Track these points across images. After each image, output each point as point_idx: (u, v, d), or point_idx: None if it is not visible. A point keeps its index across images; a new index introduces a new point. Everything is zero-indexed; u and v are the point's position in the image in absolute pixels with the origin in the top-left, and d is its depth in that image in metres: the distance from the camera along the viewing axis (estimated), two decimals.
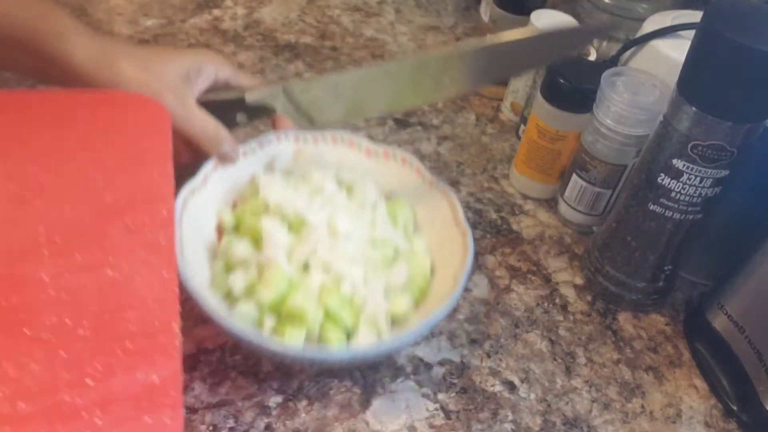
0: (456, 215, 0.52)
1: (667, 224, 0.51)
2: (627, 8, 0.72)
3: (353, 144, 0.58)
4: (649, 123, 0.54)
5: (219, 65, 0.53)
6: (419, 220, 0.55)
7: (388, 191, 0.56)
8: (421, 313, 0.49)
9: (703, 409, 0.51)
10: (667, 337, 0.56)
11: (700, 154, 0.47)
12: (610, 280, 0.56)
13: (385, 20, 0.89)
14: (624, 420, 0.49)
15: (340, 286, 0.47)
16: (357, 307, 0.47)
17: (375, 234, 0.51)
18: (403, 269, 0.50)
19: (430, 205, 0.54)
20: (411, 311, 0.49)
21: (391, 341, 0.47)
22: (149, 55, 0.50)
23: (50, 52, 0.47)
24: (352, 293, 0.47)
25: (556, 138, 0.61)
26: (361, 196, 0.54)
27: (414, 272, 0.50)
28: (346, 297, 0.47)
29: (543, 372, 0.51)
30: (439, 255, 0.52)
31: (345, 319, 0.47)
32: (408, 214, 0.54)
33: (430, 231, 0.54)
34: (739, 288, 0.51)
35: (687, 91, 0.46)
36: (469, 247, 0.49)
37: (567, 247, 0.62)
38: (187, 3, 0.85)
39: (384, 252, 0.51)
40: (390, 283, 0.49)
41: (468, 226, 0.51)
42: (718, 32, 0.42)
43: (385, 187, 0.56)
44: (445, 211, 0.53)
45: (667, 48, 0.57)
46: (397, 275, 0.50)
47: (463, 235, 0.51)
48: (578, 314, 0.56)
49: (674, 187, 0.49)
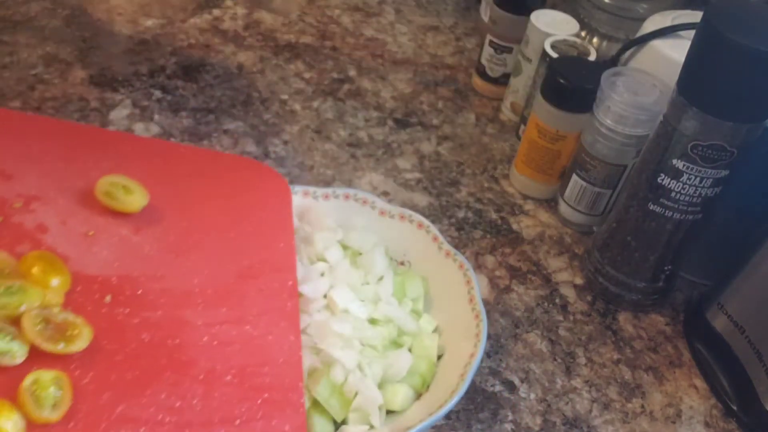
0: (472, 295, 0.48)
1: (666, 224, 0.51)
2: (627, 8, 0.72)
3: (366, 203, 0.53)
4: (649, 123, 0.54)
5: None
6: (432, 294, 0.51)
7: (399, 258, 0.52)
8: (423, 403, 0.44)
9: (703, 409, 0.51)
10: (667, 337, 0.56)
11: (701, 154, 0.46)
12: (610, 280, 0.56)
13: (385, 20, 0.89)
14: (624, 420, 0.49)
15: (330, 371, 0.43)
16: (347, 397, 0.43)
17: (377, 312, 0.47)
18: (406, 356, 0.46)
19: (444, 278, 0.50)
20: (410, 401, 0.45)
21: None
22: None
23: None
24: (343, 381, 0.43)
25: (556, 138, 0.61)
26: (368, 265, 0.50)
27: (418, 357, 0.46)
28: (336, 384, 0.43)
29: (543, 372, 0.51)
30: (450, 336, 0.48)
31: (333, 408, 0.43)
32: (419, 289, 0.50)
33: (441, 306, 0.50)
34: (739, 288, 0.51)
35: (687, 91, 0.46)
36: (482, 333, 0.45)
37: (567, 247, 0.62)
38: (187, 3, 0.85)
39: (386, 332, 0.47)
40: (389, 370, 0.45)
41: (483, 309, 0.47)
42: (718, 32, 0.42)
43: (397, 253, 0.52)
44: (461, 287, 0.49)
45: (667, 48, 0.57)
46: (398, 361, 0.45)
47: (477, 317, 0.46)
48: (578, 314, 0.56)
49: (674, 187, 0.49)
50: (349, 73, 0.78)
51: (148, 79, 0.71)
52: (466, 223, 0.62)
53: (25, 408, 0.35)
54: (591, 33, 0.74)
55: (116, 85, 0.70)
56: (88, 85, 0.70)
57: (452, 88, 0.79)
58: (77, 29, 0.77)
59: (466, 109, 0.76)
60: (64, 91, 0.68)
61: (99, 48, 0.75)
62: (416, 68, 0.81)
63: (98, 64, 0.72)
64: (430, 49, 0.85)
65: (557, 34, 0.66)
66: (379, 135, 0.70)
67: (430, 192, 0.65)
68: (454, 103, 0.77)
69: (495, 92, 0.77)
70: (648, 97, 0.55)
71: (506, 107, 0.75)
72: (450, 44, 0.87)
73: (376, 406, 0.43)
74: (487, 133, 0.74)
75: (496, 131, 0.74)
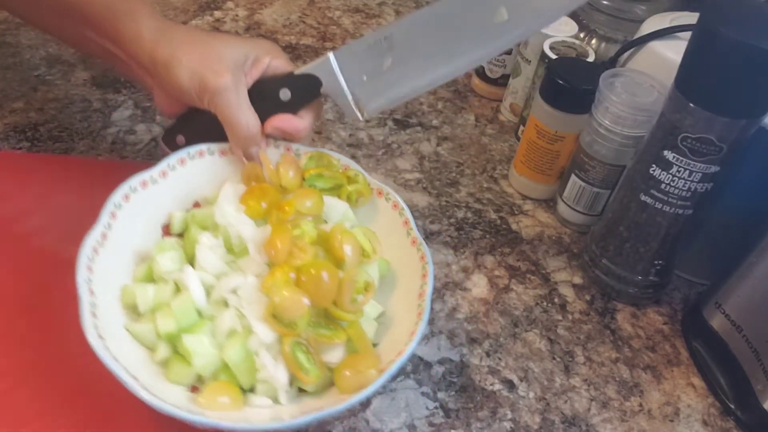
0: (424, 290, 0.46)
1: (657, 216, 0.51)
2: (625, 10, 0.72)
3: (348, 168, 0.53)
4: (647, 124, 0.54)
5: (275, 55, 0.52)
6: (390, 278, 0.50)
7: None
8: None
9: (701, 407, 0.51)
10: (665, 336, 0.56)
11: (689, 146, 0.47)
12: (605, 272, 0.57)
13: (386, 21, 0.90)
14: (622, 418, 0.49)
15: (248, 339, 0.43)
16: (256, 367, 0.42)
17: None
18: (339, 350, 0.44)
19: (406, 264, 0.49)
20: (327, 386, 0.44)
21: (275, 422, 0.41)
22: (211, 38, 0.50)
23: (120, 30, 0.49)
24: (256, 352, 0.42)
25: (555, 139, 0.62)
26: (328, 213, 0.50)
27: (353, 343, 0.45)
28: (249, 353, 0.42)
29: (542, 371, 0.52)
30: (395, 319, 0.47)
31: (241, 374, 0.42)
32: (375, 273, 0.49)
33: (396, 293, 0.49)
34: (736, 287, 0.51)
35: (684, 86, 0.47)
36: (419, 328, 0.43)
37: (566, 247, 0.62)
38: (188, 5, 0.85)
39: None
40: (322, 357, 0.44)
41: (429, 303, 0.45)
42: (714, 28, 0.43)
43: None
44: (416, 279, 0.47)
45: (665, 49, 0.57)
46: (330, 354, 0.44)
47: (420, 315, 0.44)
48: (577, 313, 0.56)
49: (664, 179, 0.49)
50: None
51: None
52: (466, 223, 0.63)
53: None
54: (590, 34, 0.74)
55: (118, 86, 0.71)
56: (90, 86, 0.70)
57: (452, 89, 0.79)
58: None
59: (465, 109, 0.77)
60: (66, 92, 0.69)
61: None
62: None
63: (100, 65, 0.73)
64: None
65: (556, 36, 0.66)
66: (380, 135, 0.71)
67: (429, 192, 0.65)
68: (453, 104, 0.77)
69: (494, 93, 0.78)
70: (646, 98, 0.55)
71: (505, 108, 0.76)
72: None
73: (282, 386, 0.42)
74: (487, 133, 0.74)
75: (496, 132, 0.74)
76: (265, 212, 0.48)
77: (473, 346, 0.52)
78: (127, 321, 0.44)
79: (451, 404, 0.48)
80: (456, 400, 0.49)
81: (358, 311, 0.45)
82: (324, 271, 0.44)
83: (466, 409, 0.48)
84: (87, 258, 0.43)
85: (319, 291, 0.44)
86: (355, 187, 0.52)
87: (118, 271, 0.46)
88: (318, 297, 0.44)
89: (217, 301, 0.45)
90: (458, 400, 0.49)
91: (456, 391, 0.49)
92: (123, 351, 0.41)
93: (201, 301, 0.44)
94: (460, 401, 0.49)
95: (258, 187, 0.50)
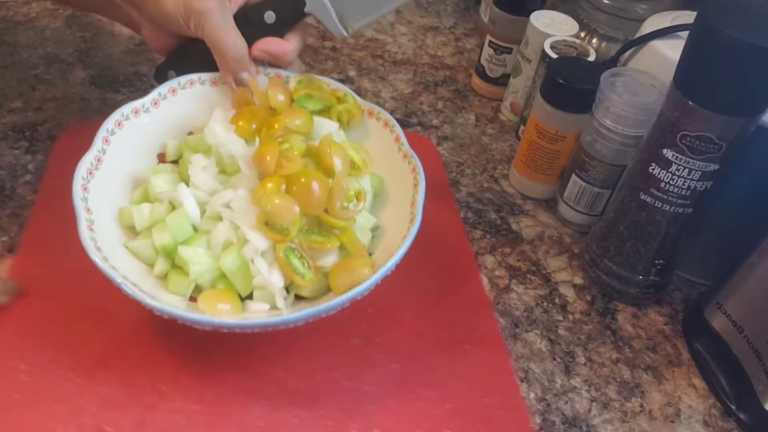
0: (415, 198, 0.47)
1: (656, 215, 0.51)
2: (626, 9, 0.72)
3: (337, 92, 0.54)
4: (647, 123, 0.54)
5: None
6: (384, 193, 0.51)
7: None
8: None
9: (702, 408, 0.51)
10: (666, 337, 0.56)
11: (688, 144, 0.47)
12: (606, 272, 0.57)
13: (385, 21, 0.89)
14: (623, 419, 0.49)
15: (243, 248, 0.44)
16: (252, 275, 0.44)
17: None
18: (333, 256, 0.46)
19: (397, 178, 0.51)
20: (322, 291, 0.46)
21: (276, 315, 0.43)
22: None
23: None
24: (251, 259, 0.44)
25: (556, 138, 0.61)
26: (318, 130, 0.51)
27: (347, 250, 0.46)
28: (245, 261, 0.44)
29: (542, 371, 0.51)
30: (387, 232, 0.49)
31: (237, 282, 0.44)
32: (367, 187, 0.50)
33: (389, 206, 0.51)
34: (737, 288, 0.51)
35: (683, 84, 0.46)
36: (410, 235, 0.45)
37: (566, 247, 0.62)
38: None
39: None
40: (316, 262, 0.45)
41: (419, 214, 0.46)
42: (713, 27, 0.43)
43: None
44: (408, 190, 0.49)
45: (666, 49, 0.57)
46: (324, 260, 0.45)
47: (412, 221, 0.46)
48: (577, 314, 0.56)
49: (664, 178, 0.49)
50: (349, 74, 0.78)
51: (149, 80, 0.71)
52: (466, 223, 0.63)
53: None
54: (590, 34, 0.74)
55: (117, 86, 0.70)
56: (89, 85, 0.70)
57: (452, 88, 0.79)
58: (78, 30, 0.77)
59: (465, 109, 0.76)
60: (65, 92, 0.68)
61: (99, 48, 0.75)
62: (416, 69, 0.81)
63: (99, 64, 0.73)
64: (430, 49, 0.85)
65: (557, 35, 0.66)
66: None
67: None
68: (453, 103, 0.77)
69: (495, 93, 0.78)
70: (647, 98, 0.55)
71: (506, 108, 0.75)
72: (450, 45, 0.87)
73: (277, 290, 0.44)
74: (487, 133, 0.74)
75: (496, 131, 0.74)
76: (255, 132, 0.50)
77: None
78: (126, 240, 0.46)
79: None
80: None
81: (350, 218, 0.47)
82: (313, 179, 0.45)
83: None
84: (82, 179, 0.44)
85: (310, 199, 0.45)
86: (344, 106, 0.53)
87: (116, 195, 0.47)
88: (308, 205, 0.45)
89: (212, 217, 0.46)
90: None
91: None
92: (123, 266, 0.42)
93: (195, 216, 0.46)
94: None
95: (248, 109, 0.51)
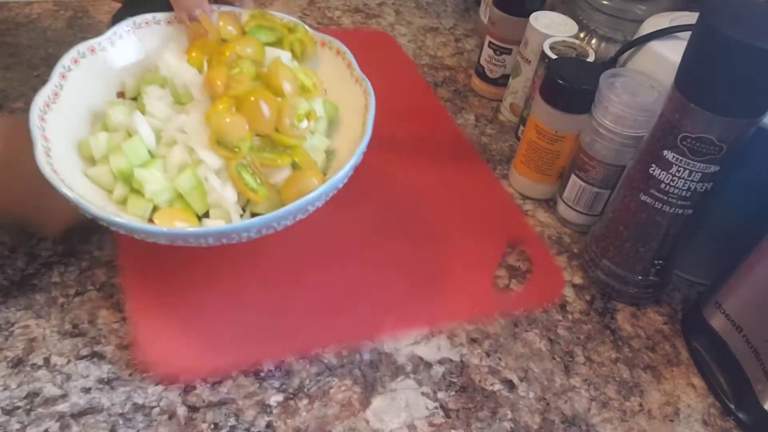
0: (366, 117, 0.49)
1: (656, 216, 0.51)
2: (625, 10, 0.72)
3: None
4: (647, 124, 0.54)
5: None
6: (338, 119, 0.53)
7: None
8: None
9: (701, 407, 0.51)
10: (665, 336, 0.56)
11: (689, 146, 0.47)
12: (605, 272, 0.57)
13: (385, 21, 0.90)
14: (622, 418, 0.49)
15: (197, 168, 0.46)
16: (206, 193, 0.46)
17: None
18: (286, 171, 0.47)
19: (350, 103, 0.52)
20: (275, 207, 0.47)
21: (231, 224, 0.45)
22: None
23: None
24: (205, 179, 0.46)
25: (555, 139, 0.62)
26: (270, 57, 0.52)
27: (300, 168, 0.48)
28: (199, 180, 0.46)
29: (542, 371, 0.52)
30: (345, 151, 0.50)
31: (194, 201, 0.46)
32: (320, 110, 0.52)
33: (343, 129, 0.52)
34: (736, 287, 0.51)
35: (684, 86, 0.47)
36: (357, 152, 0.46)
37: (566, 247, 0.62)
38: None
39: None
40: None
41: (369, 130, 0.48)
42: (714, 28, 0.43)
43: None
44: (360, 112, 0.50)
45: (665, 49, 0.57)
46: (277, 175, 0.47)
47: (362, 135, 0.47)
48: (577, 313, 0.56)
49: (664, 179, 0.49)
50: None
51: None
52: None
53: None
54: (590, 34, 0.74)
55: None
56: None
57: (452, 89, 0.79)
58: (79, 31, 0.78)
59: (465, 109, 0.77)
60: None
61: None
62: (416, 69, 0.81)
63: None
64: (430, 50, 0.86)
65: (556, 36, 0.66)
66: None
67: None
68: (453, 103, 0.77)
69: (494, 93, 0.78)
70: (646, 98, 0.55)
71: (505, 108, 0.76)
72: (449, 45, 0.87)
73: (231, 205, 0.46)
74: (487, 133, 0.74)
75: (496, 132, 0.74)
76: (208, 63, 0.51)
77: (473, 346, 0.52)
78: (85, 168, 0.47)
79: (452, 404, 0.48)
80: (456, 400, 0.49)
81: (300, 137, 0.48)
82: (261, 98, 0.47)
83: (466, 409, 0.48)
84: (39, 110, 0.45)
85: (259, 117, 0.47)
86: (296, 36, 0.54)
87: (75, 129, 0.48)
88: (258, 122, 0.47)
89: (168, 143, 0.48)
90: (458, 400, 0.49)
91: (456, 391, 0.49)
92: (84, 193, 0.43)
93: (150, 141, 0.47)
94: (460, 401, 0.49)
95: (200, 41, 0.52)
